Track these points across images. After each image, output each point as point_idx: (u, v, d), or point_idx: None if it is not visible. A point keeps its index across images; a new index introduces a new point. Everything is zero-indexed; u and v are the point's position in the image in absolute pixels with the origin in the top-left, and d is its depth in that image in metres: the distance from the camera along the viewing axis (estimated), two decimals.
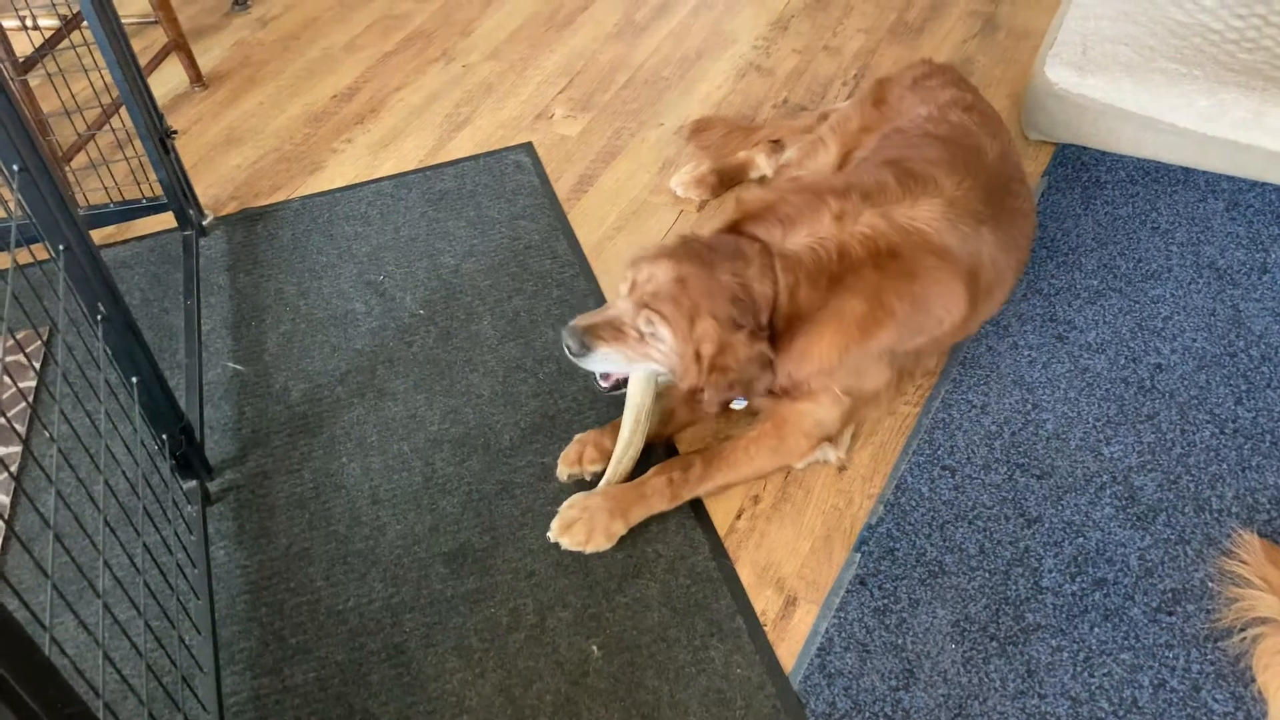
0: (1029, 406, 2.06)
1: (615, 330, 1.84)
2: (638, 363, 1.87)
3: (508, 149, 2.83)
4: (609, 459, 1.94)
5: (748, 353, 1.81)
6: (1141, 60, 2.49)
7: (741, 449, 1.93)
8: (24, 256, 1.85)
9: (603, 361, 1.86)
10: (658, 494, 1.87)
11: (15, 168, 1.46)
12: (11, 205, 1.54)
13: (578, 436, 2.00)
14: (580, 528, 1.84)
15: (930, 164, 2.01)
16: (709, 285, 1.80)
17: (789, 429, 1.93)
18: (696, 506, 1.93)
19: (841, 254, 1.85)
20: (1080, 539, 1.84)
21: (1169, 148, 2.53)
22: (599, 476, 1.94)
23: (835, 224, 1.87)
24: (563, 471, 1.98)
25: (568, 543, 1.84)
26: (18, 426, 1.94)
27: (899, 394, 2.09)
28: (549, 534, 1.87)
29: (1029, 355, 2.16)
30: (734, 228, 1.96)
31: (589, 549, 1.84)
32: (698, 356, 1.81)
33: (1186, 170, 2.55)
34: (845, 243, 1.86)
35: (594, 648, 1.73)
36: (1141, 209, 2.47)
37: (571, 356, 1.87)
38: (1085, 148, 2.65)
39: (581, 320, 1.86)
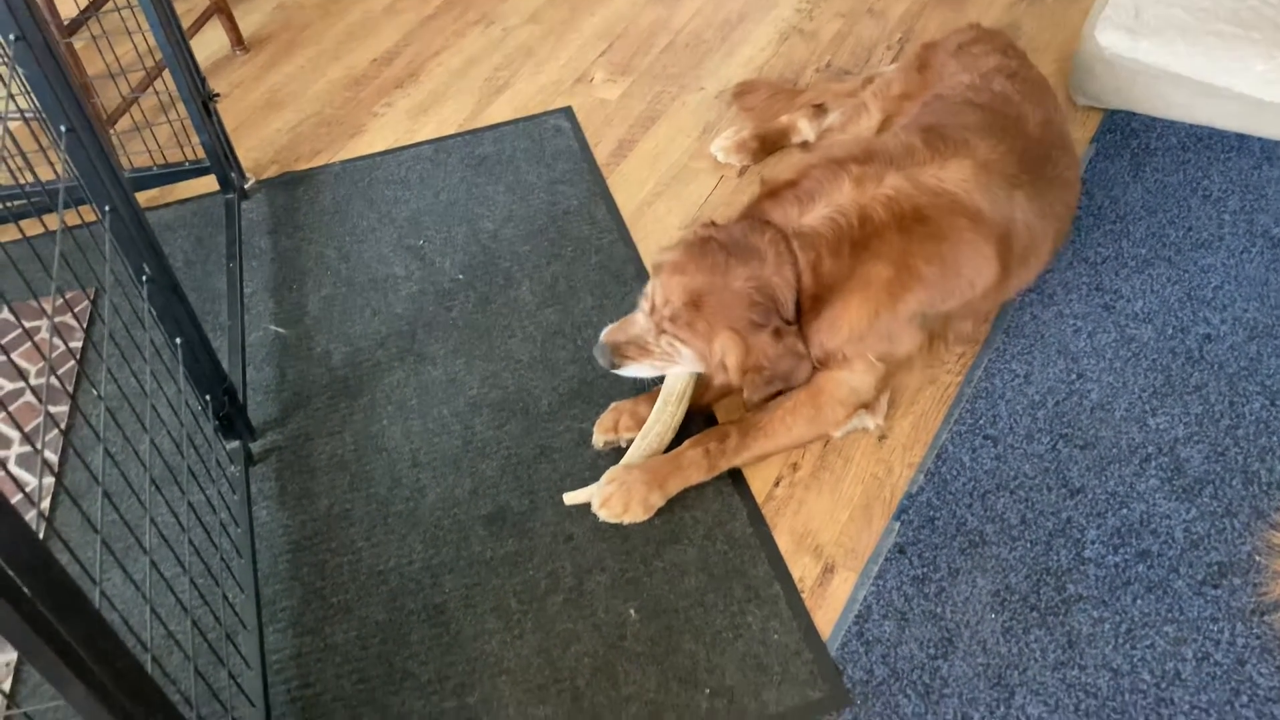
0: (1074, 376, 2.03)
1: (640, 349, 1.90)
2: (669, 369, 1.93)
3: (547, 113, 2.82)
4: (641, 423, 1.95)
5: (775, 351, 1.82)
6: (1196, 23, 2.43)
7: (779, 419, 1.92)
8: (70, 219, 1.87)
9: (633, 372, 1.94)
10: (694, 465, 1.87)
11: (63, 129, 1.47)
12: (59, 167, 1.55)
13: (613, 404, 2.00)
14: (617, 499, 1.83)
15: (964, 129, 1.99)
16: (723, 298, 1.82)
17: (825, 398, 1.91)
18: (735, 474, 1.92)
19: (863, 219, 1.83)
20: (1124, 510, 1.81)
21: (1223, 113, 2.47)
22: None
23: (855, 189, 1.86)
24: (598, 439, 1.98)
25: (605, 514, 1.84)
26: (66, 385, 1.97)
27: (934, 359, 2.06)
28: (565, 497, 1.88)
29: (1074, 324, 2.13)
30: (752, 210, 1.96)
31: (626, 520, 1.84)
32: (724, 367, 1.85)
33: (1241, 136, 2.49)
34: (866, 207, 1.84)
35: (631, 611, 1.74)
36: (1193, 176, 2.41)
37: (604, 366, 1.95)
38: (1135, 114, 2.59)
39: (608, 336, 1.93)
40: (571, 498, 1.88)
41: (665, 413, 1.92)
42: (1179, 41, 2.42)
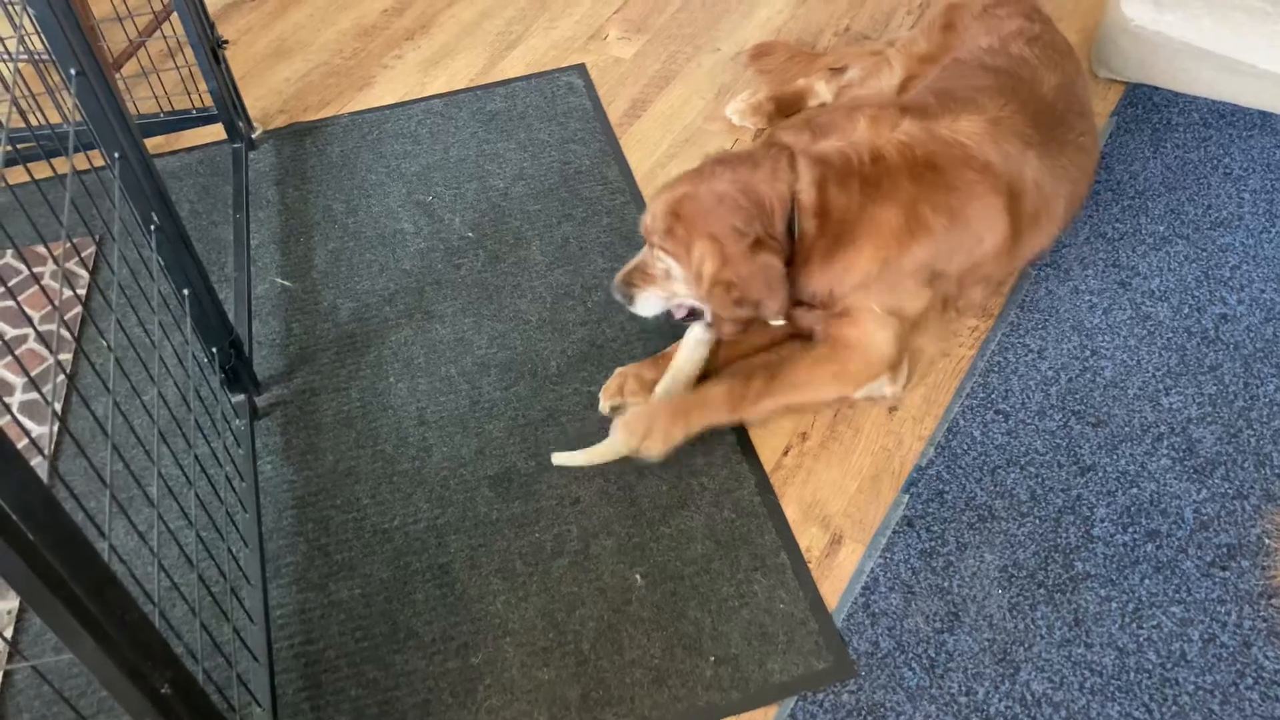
0: (1087, 353, 2.02)
1: (644, 274, 1.90)
2: (676, 300, 1.90)
3: (560, 70, 2.77)
4: (649, 392, 1.93)
5: (749, 267, 1.76)
6: None
7: (804, 368, 1.89)
8: (78, 164, 1.84)
9: (646, 305, 1.92)
10: (718, 402, 1.84)
11: (73, 71, 1.44)
12: (67, 110, 1.52)
13: (619, 370, 1.99)
14: (639, 423, 1.81)
15: (975, 90, 1.97)
16: (703, 203, 1.78)
17: (847, 353, 1.88)
18: (743, 441, 1.91)
19: (875, 157, 1.81)
20: (1134, 489, 1.80)
21: (1247, 90, 2.43)
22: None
23: (870, 128, 1.84)
24: (605, 404, 1.96)
25: (624, 439, 1.81)
26: (72, 331, 1.95)
27: (946, 328, 2.03)
28: (555, 457, 1.87)
29: (1089, 300, 2.11)
30: (765, 141, 1.94)
31: (643, 449, 1.81)
32: (699, 278, 1.80)
33: (1264, 114, 2.45)
34: (879, 147, 1.81)
35: (637, 576, 1.73)
36: (1214, 153, 2.38)
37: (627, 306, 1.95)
38: (1157, 88, 2.56)
39: (622, 271, 1.92)
40: (561, 458, 1.87)
41: (680, 374, 1.91)
42: (1205, 16, 2.38)
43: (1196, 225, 2.23)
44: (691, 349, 1.93)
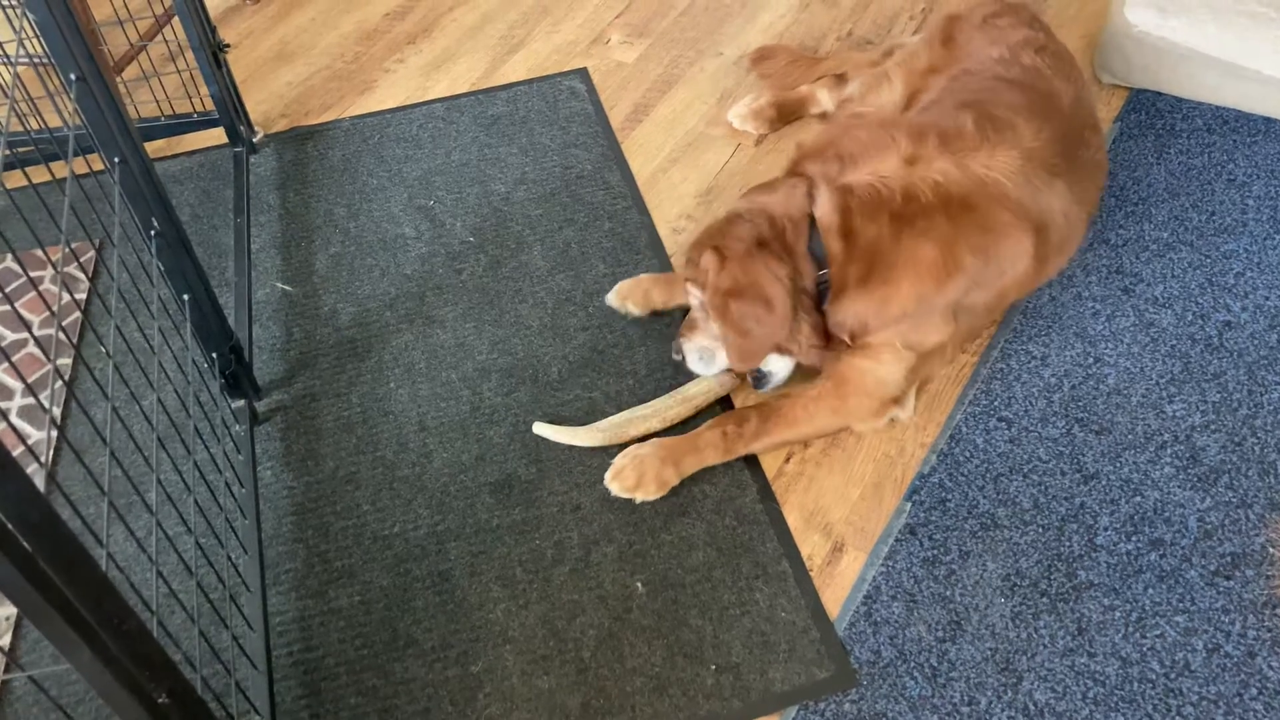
0: (1090, 360, 2.01)
1: (690, 323, 1.92)
2: (719, 349, 1.88)
3: (562, 74, 2.77)
4: (650, 308, 2.10)
5: (751, 271, 1.74)
6: (1229, 2, 2.38)
7: (801, 406, 1.87)
8: (78, 167, 1.84)
9: (696, 360, 1.92)
10: (711, 447, 1.84)
11: (73, 77, 1.43)
12: (68, 114, 1.51)
13: (642, 275, 2.13)
14: (630, 472, 1.81)
15: (1010, 109, 1.92)
16: (716, 226, 1.84)
17: (850, 388, 1.86)
18: None
19: (907, 196, 1.77)
20: (1138, 498, 1.80)
21: (1251, 96, 2.42)
22: (637, 320, 2.10)
23: (904, 167, 1.79)
24: (612, 297, 2.12)
25: (617, 488, 1.81)
26: (70, 337, 1.95)
27: (958, 351, 2.03)
28: (536, 427, 1.92)
29: (1093, 307, 2.10)
30: (791, 169, 1.92)
31: (638, 496, 1.81)
32: (704, 286, 1.80)
33: (1269, 120, 2.44)
34: (913, 185, 1.77)
35: (638, 584, 1.72)
36: (1218, 159, 2.37)
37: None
38: (1161, 93, 2.55)
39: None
40: (542, 429, 1.89)
41: (667, 405, 1.91)
42: (1210, 21, 2.37)
43: (1200, 232, 2.22)
44: (652, 406, 1.93)
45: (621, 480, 1.81)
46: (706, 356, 1.90)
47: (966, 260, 1.78)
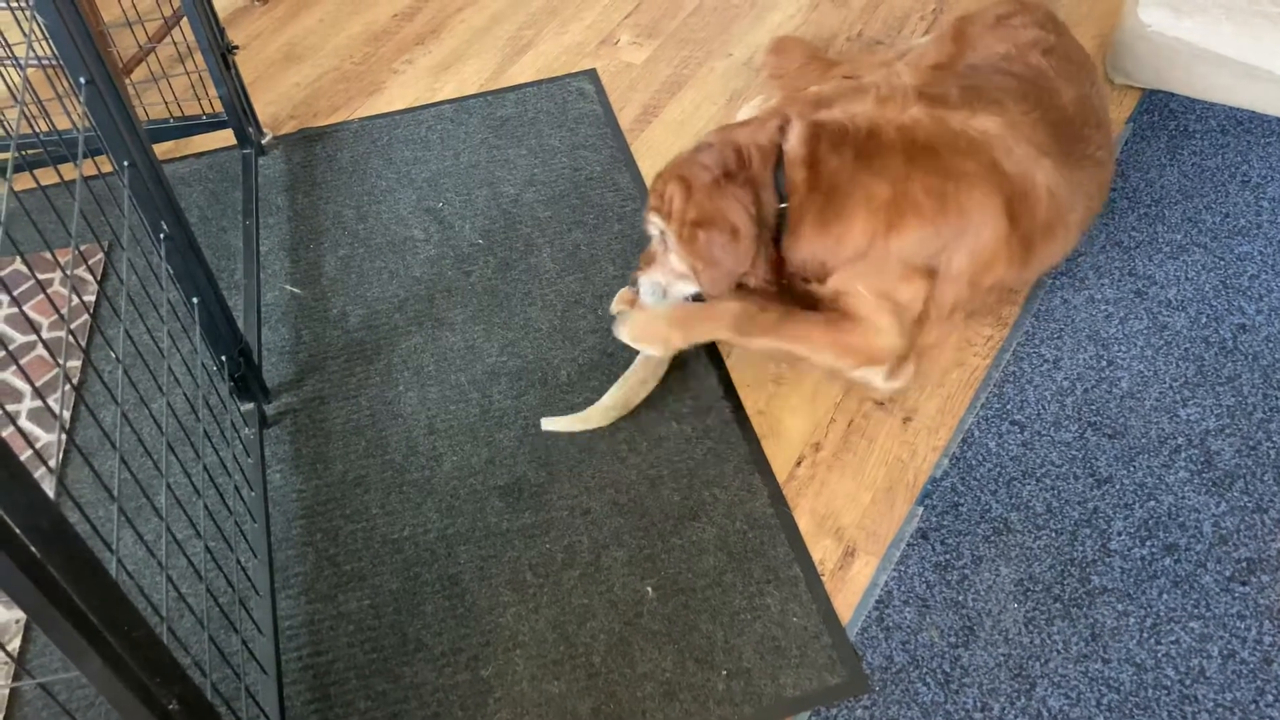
0: (1103, 363, 1.99)
1: (648, 256, 1.94)
2: (673, 284, 1.91)
3: (571, 75, 2.76)
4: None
5: (716, 200, 1.77)
6: (1244, 2, 2.36)
7: (812, 325, 1.85)
8: (86, 170, 1.84)
9: (649, 290, 1.93)
10: (725, 316, 1.84)
11: (82, 80, 1.43)
12: (77, 118, 1.51)
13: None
14: (640, 322, 1.85)
15: (1001, 90, 1.95)
16: (683, 158, 1.86)
17: (853, 326, 1.83)
18: (756, 451, 1.89)
19: (871, 132, 1.79)
20: (1152, 502, 1.78)
21: (1266, 97, 2.40)
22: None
23: (875, 105, 1.83)
24: (615, 307, 2.12)
25: (624, 333, 1.88)
26: (79, 340, 1.94)
27: (957, 329, 1.99)
28: (544, 422, 1.92)
29: (1105, 310, 2.08)
30: (768, 112, 1.96)
31: (640, 344, 1.85)
32: (669, 218, 1.81)
33: None
34: (879, 124, 1.80)
35: (648, 589, 1.72)
36: (1232, 161, 2.36)
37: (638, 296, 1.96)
38: (1174, 94, 2.53)
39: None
40: (550, 423, 1.90)
41: (660, 362, 1.94)
42: (1225, 21, 2.36)
43: (1214, 234, 2.21)
44: (641, 365, 1.94)
45: (630, 326, 1.87)
46: (658, 290, 1.93)
47: (921, 201, 1.77)
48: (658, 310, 1.86)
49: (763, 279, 1.86)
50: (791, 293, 1.91)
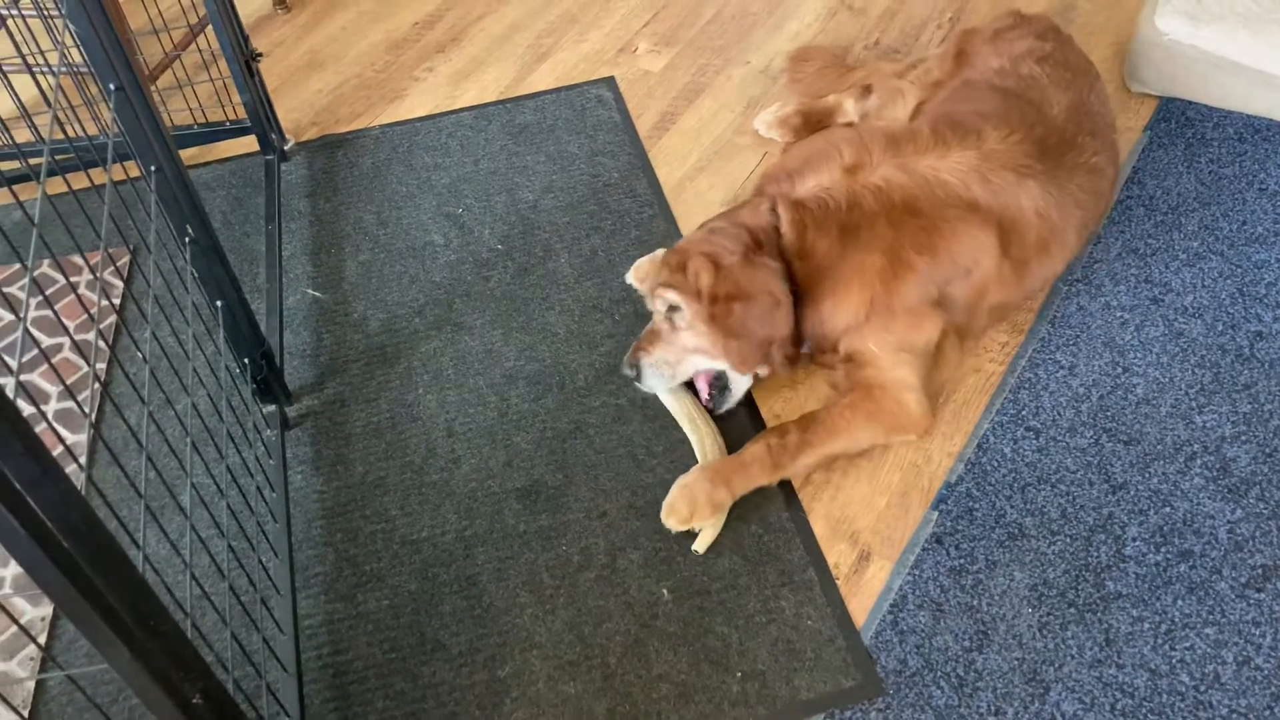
0: (1119, 370, 2.00)
1: (652, 335, 1.92)
2: (683, 361, 1.90)
3: (589, 83, 2.78)
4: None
5: (747, 273, 1.79)
6: (1261, 10, 2.36)
7: (838, 413, 1.85)
8: (114, 175, 1.87)
9: (654, 375, 1.91)
10: (758, 462, 1.80)
11: (112, 86, 1.46)
12: (103, 122, 1.54)
13: (659, 251, 2.16)
14: (682, 502, 1.77)
15: (980, 116, 1.97)
16: (694, 239, 1.89)
17: (878, 392, 1.85)
18: None
19: (851, 204, 1.83)
20: (1167, 509, 1.78)
21: None
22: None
23: (845, 175, 1.87)
24: (631, 276, 2.20)
25: (673, 522, 1.78)
26: (106, 340, 1.98)
27: (964, 351, 2.00)
28: (697, 547, 1.79)
29: (1121, 317, 2.09)
30: (757, 194, 2.01)
31: (696, 523, 1.76)
32: (698, 295, 1.82)
33: None
34: (856, 193, 1.84)
35: (664, 591, 1.73)
36: (1249, 169, 2.36)
37: (636, 384, 1.95)
38: (1191, 102, 2.53)
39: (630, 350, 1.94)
40: (703, 542, 1.79)
41: (696, 425, 1.92)
42: (1242, 30, 2.36)
43: (1231, 241, 2.21)
44: (676, 410, 1.94)
45: (676, 514, 1.78)
46: (665, 370, 1.90)
47: (914, 260, 1.81)
48: (689, 478, 1.80)
49: (782, 356, 1.86)
50: (810, 360, 1.98)
